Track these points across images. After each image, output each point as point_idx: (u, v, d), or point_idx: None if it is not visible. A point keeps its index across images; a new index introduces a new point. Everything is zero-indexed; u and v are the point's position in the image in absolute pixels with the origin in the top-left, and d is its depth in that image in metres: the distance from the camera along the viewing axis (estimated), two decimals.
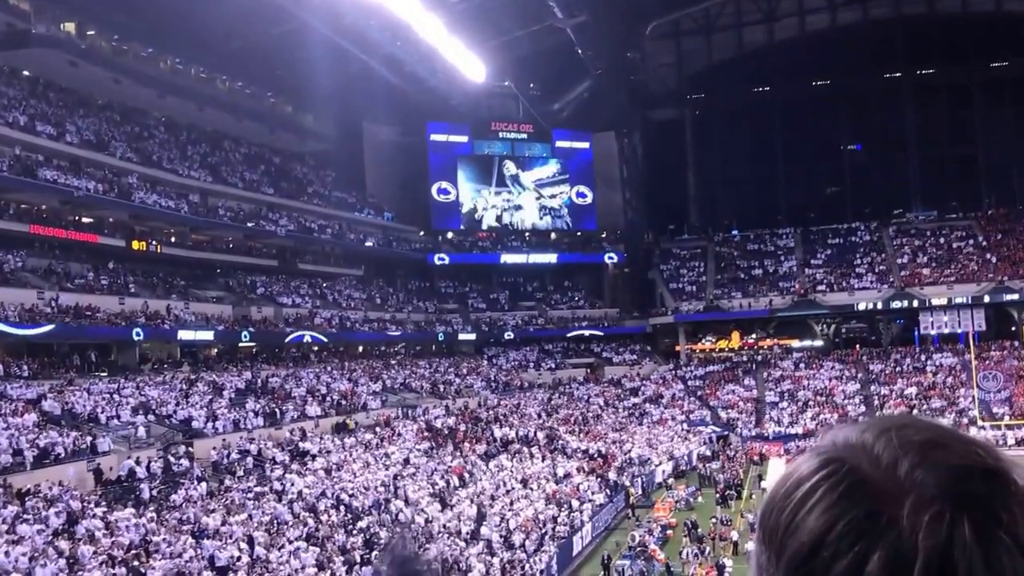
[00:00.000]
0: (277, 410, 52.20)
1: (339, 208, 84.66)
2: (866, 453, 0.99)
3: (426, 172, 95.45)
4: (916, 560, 0.90)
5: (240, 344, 64.78)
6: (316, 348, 71.33)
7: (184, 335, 58.95)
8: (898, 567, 0.90)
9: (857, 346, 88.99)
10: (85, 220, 60.89)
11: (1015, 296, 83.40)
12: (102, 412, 43.34)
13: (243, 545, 32.32)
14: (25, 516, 30.49)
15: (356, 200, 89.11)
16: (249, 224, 72.33)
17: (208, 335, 60.96)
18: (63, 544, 28.59)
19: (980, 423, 69.47)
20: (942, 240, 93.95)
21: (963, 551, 0.90)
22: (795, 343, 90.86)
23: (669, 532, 45.55)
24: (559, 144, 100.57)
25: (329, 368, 66.53)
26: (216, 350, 64.06)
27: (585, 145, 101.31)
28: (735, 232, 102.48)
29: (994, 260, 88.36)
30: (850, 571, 0.92)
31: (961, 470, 0.96)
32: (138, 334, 55.03)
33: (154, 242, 63.16)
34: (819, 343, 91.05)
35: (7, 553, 26.95)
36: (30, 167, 56.07)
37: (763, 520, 1.04)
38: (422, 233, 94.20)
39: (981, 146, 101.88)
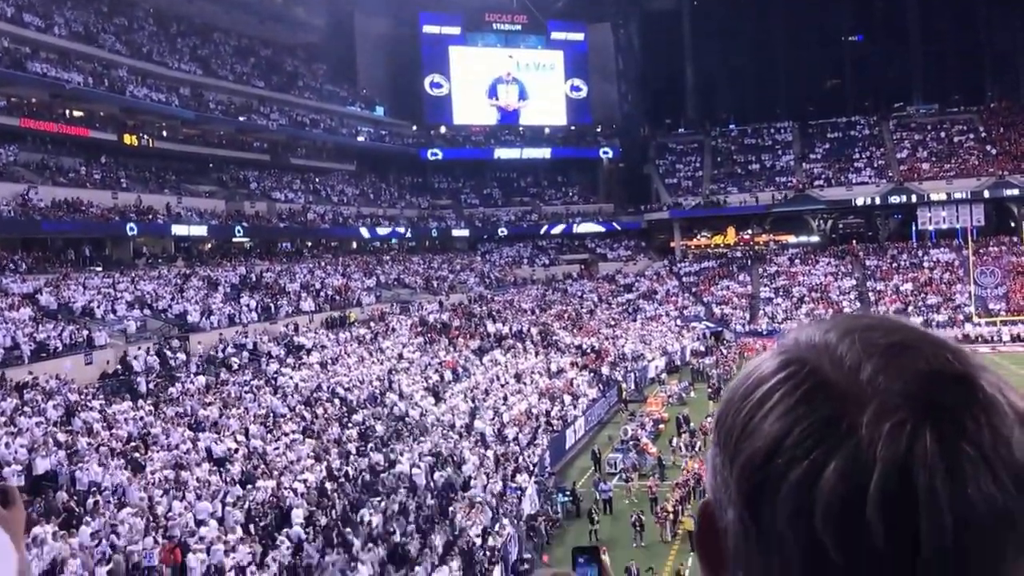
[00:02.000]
0: (272, 305, 52.65)
1: (331, 102, 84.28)
2: (828, 354, 0.97)
3: (419, 65, 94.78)
4: (874, 471, 0.88)
5: (234, 239, 65.05)
6: (310, 243, 71.69)
7: (178, 230, 59.24)
8: (856, 478, 0.88)
9: (854, 242, 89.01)
10: (76, 114, 60.69)
11: (1015, 191, 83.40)
12: (98, 306, 43.80)
13: (240, 437, 32.94)
14: (24, 408, 31.05)
15: (348, 94, 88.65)
16: (241, 118, 72.15)
17: (202, 230, 61.23)
18: (62, 436, 29.20)
19: (976, 319, 70.08)
20: (943, 134, 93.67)
21: (924, 462, 0.87)
22: (791, 239, 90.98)
23: (661, 426, 46.05)
24: (554, 36, 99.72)
25: (323, 263, 66.90)
26: (210, 245, 64.33)
27: (580, 36, 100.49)
28: (732, 126, 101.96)
29: (995, 154, 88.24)
30: (805, 479, 0.90)
31: (927, 376, 0.93)
32: (132, 229, 55.30)
33: (146, 136, 63.11)
34: (815, 239, 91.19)
35: (7, 444, 27.52)
36: (19, 59, 55.79)
37: (720, 421, 1.04)
38: (415, 128, 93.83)
39: (986, 38, 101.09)
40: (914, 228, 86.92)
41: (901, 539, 0.85)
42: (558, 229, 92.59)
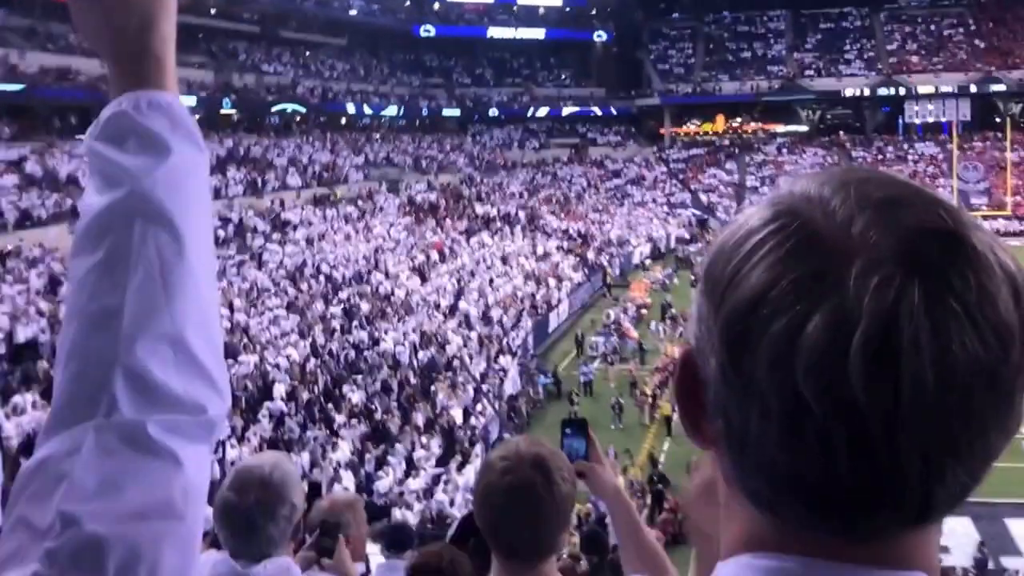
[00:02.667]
0: (259, 179, 52.10)
1: None
2: (821, 207, 0.92)
3: None
4: (859, 324, 0.84)
5: (222, 112, 64.18)
6: (298, 118, 70.79)
7: None
8: (840, 330, 0.84)
9: (841, 133, 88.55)
10: None
11: (1002, 87, 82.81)
12: (83, 175, 43.09)
13: (223, 311, 32.70)
14: (6, 276, 30.71)
15: None
16: None
17: (189, 101, 60.25)
18: (44, 304, 28.88)
19: None
20: (932, 27, 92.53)
21: (909, 317, 0.84)
22: (779, 128, 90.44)
23: (644, 312, 46.14)
24: None
25: (311, 139, 66.13)
26: (197, 117, 63.34)
27: None
28: (726, 13, 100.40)
29: (984, 48, 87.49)
30: (789, 331, 0.86)
31: (917, 232, 0.88)
32: None
33: None
34: (803, 128, 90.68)
35: None
36: None
37: (708, 270, 0.98)
38: (408, 2, 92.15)
39: None
40: (901, 121, 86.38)
41: (882, 392, 0.83)
42: (546, 111, 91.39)
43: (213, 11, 70.28)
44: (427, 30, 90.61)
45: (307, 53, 78.91)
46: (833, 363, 0.84)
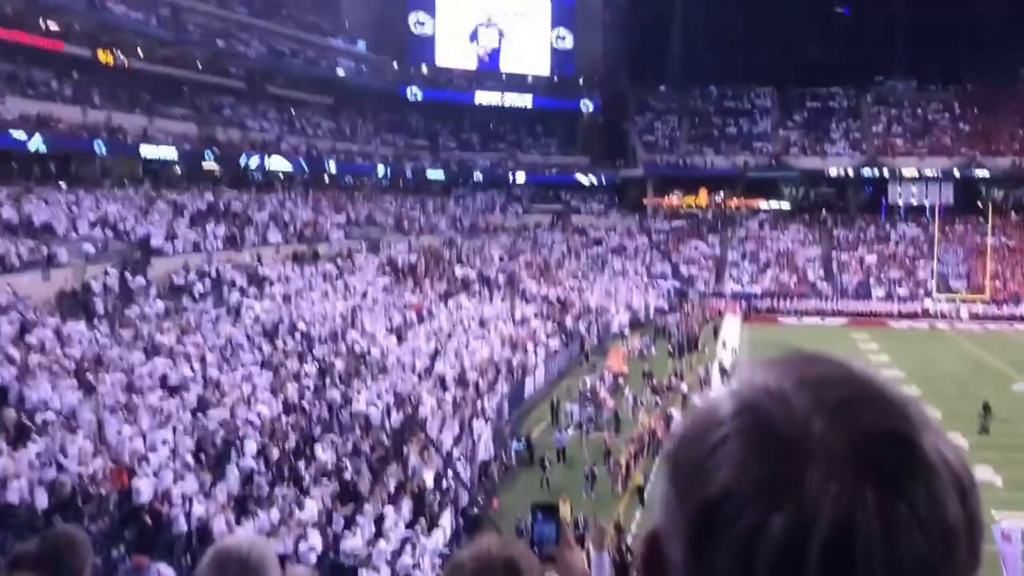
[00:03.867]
0: (238, 234, 52.03)
1: (312, 33, 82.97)
2: (783, 404, 0.98)
3: (404, 1, 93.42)
4: (817, 526, 0.91)
5: (204, 165, 64.21)
6: (281, 176, 70.87)
7: (147, 151, 58.34)
8: (799, 532, 0.91)
9: (824, 211, 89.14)
10: (51, 27, 59.28)
11: (985, 172, 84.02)
12: (59, 224, 43.00)
13: (196, 365, 32.44)
14: None
15: (330, 26, 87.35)
16: (219, 43, 70.89)
17: (171, 153, 60.32)
18: (13, 351, 28.59)
19: (936, 294, 70.54)
20: (919, 111, 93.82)
21: (864, 523, 0.91)
22: (762, 204, 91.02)
23: (620, 381, 46.05)
24: None
25: (293, 196, 66.18)
26: (179, 170, 63.47)
27: None
28: (713, 88, 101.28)
29: (968, 133, 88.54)
30: (751, 529, 0.92)
31: (872, 436, 0.96)
32: (99, 147, 54.37)
33: (121, 55, 61.93)
34: (786, 205, 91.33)
35: None
36: None
37: (673, 457, 1.04)
38: (396, 65, 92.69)
39: (972, 16, 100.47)
40: (884, 202, 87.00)
41: None
42: (532, 179, 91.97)
43: (200, 65, 70.55)
44: (414, 93, 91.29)
45: (293, 110, 79.17)
46: (792, 563, 0.91)
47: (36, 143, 50.03)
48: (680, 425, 1.07)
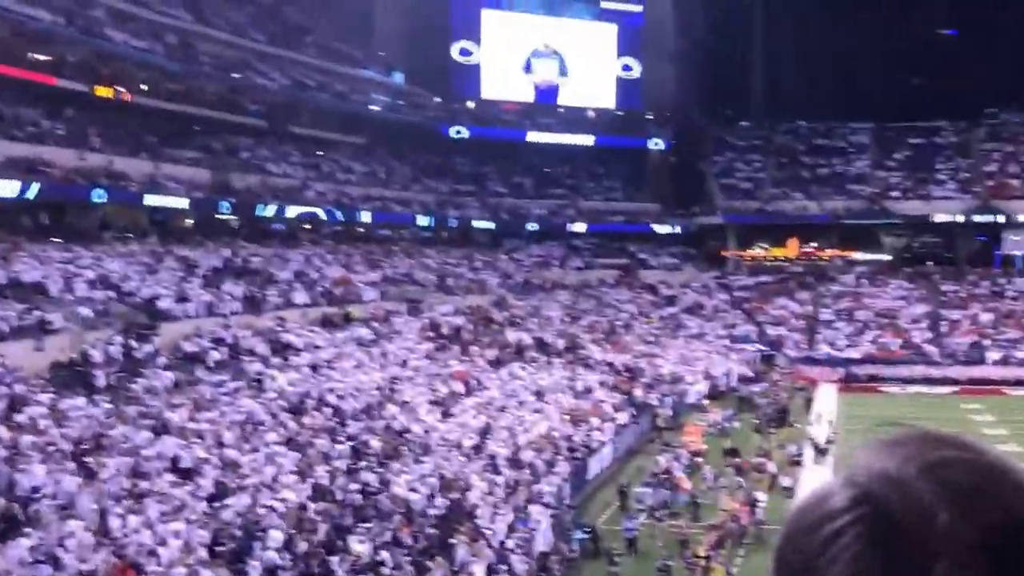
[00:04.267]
0: (259, 295, 52.25)
1: (341, 63, 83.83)
2: (904, 493, 0.98)
3: (447, 27, 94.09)
4: None
5: (218, 216, 64.61)
6: (307, 227, 71.19)
7: (153, 200, 58.60)
8: None
9: (929, 263, 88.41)
10: (41, 58, 59.73)
11: None
12: (54, 284, 43.30)
13: (212, 446, 32.46)
14: None
15: (362, 55, 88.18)
16: (235, 75, 71.56)
17: (181, 202, 60.68)
18: (3, 432, 28.69)
19: None
20: None
21: None
22: (859, 255, 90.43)
23: (698, 460, 45.73)
24: (605, 4, 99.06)
25: (321, 251, 66.49)
26: (190, 221, 63.91)
27: (638, 8, 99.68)
28: (801, 123, 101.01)
29: None
30: None
31: (1003, 527, 0.95)
32: (99, 195, 54.64)
33: (122, 89, 62.47)
34: (887, 257, 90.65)
35: None
36: None
37: (781, 553, 1.05)
38: (438, 100, 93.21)
39: None
40: (998, 252, 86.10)
41: None
42: (594, 228, 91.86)
43: (213, 101, 71.05)
44: (459, 131, 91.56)
45: (319, 152, 79.72)
46: None
47: (25, 191, 50.24)
48: (788, 517, 1.07)
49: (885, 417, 51.89)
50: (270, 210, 66.97)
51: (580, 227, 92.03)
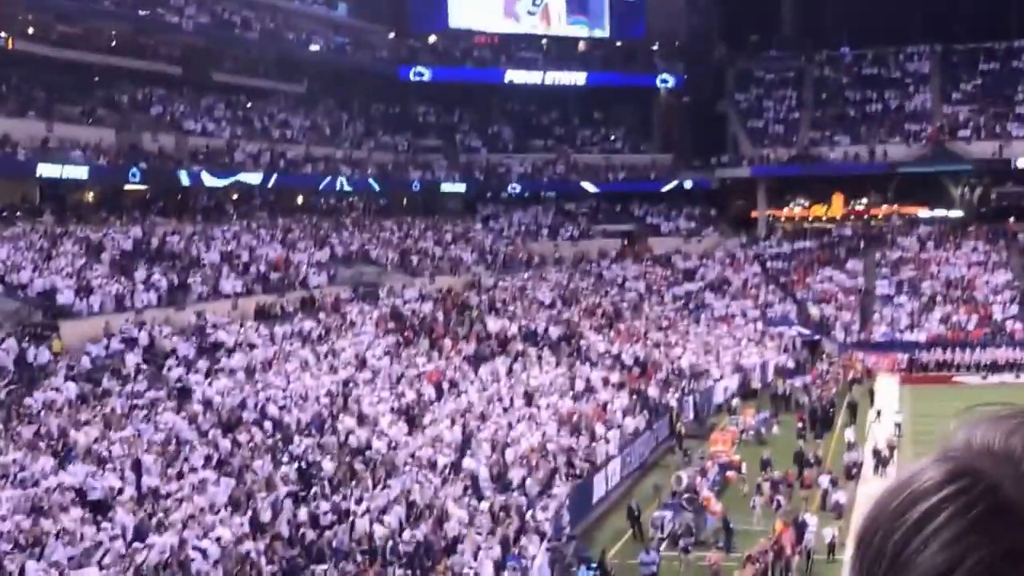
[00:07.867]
0: (180, 283, 52.33)
1: None
2: (1011, 466, 0.97)
3: None
4: None
5: (126, 187, 64.56)
6: (236, 197, 71.14)
7: (46, 170, 58.49)
8: None
9: (1011, 219, 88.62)
10: None
11: None
12: None
13: (127, 473, 32.63)
14: None
15: None
16: (142, 12, 71.33)
17: (80, 172, 60.59)
18: None
19: None
20: None
21: None
22: (923, 212, 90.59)
23: (730, 474, 45.94)
24: None
25: (254, 226, 66.54)
26: (92, 194, 63.89)
27: None
28: (845, 49, 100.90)
29: None
30: None
31: None
32: None
33: (3, 34, 62.38)
34: (958, 213, 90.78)
35: None
36: None
37: (862, 542, 1.06)
38: (393, 36, 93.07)
39: None
40: None
41: None
42: (588, 186, 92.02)
43: (113, 43, 70.74)
44: (419, 73, 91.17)
45: (249, 104, 79.65)
46: None
47: None
48: (873, 500, 1.07)
49: (972, 408, 52.13)
50: (189, 178, 66.93)
51: (574, 187, 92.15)
